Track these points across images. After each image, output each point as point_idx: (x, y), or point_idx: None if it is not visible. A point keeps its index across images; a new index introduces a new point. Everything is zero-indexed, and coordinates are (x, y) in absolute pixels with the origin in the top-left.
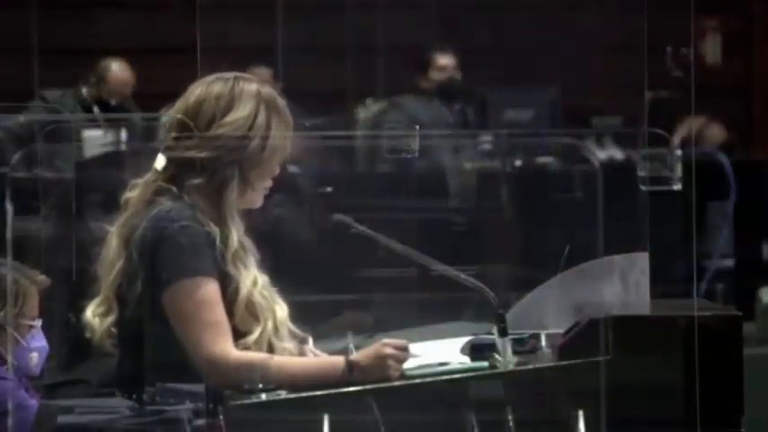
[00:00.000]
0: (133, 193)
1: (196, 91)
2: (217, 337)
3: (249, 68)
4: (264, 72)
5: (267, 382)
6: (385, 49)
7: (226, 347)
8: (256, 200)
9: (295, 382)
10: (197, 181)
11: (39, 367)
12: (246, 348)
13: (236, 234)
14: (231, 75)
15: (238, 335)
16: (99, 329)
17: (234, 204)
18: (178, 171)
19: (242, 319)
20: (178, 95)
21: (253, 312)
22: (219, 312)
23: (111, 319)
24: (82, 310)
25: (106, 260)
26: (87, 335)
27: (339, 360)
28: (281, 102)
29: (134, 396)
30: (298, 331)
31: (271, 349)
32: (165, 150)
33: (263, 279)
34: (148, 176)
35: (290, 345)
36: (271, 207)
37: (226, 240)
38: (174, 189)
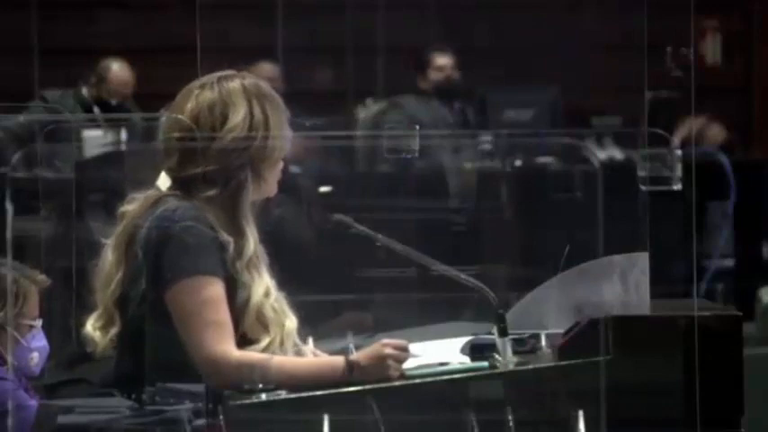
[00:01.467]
0: (130, 207)
1: (187, 106)
2: (218, 337)
3: (252, 66)
4: (268, 68)
5: (267, 382)
6: (385, 49)
7: (227, 347)
8: (271, 189)
9: (295, 381)
10: (211, 192)
11: (39, 367)
12: None
13: (253, 241)
14: (214, 77)
15: (246, 342)
16: (101, 343)
17: (248, 209)
18: (190, 185)
19: (251, 328)
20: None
21: (263, 322)
22: (222, 312)
23: (112, 331)
24: (82, 322)
25: (103, 272)
26: (89, 349)
27: (339, 360)
28: (267, 88)
29: (133, 396)
30: (300, 343)
31: None
32: (168, 171)
33: (275, 290)
34: (149, 192)
35: (291, 357)
36: (271, 207)
37: (242, 248)
38: (178, 194)
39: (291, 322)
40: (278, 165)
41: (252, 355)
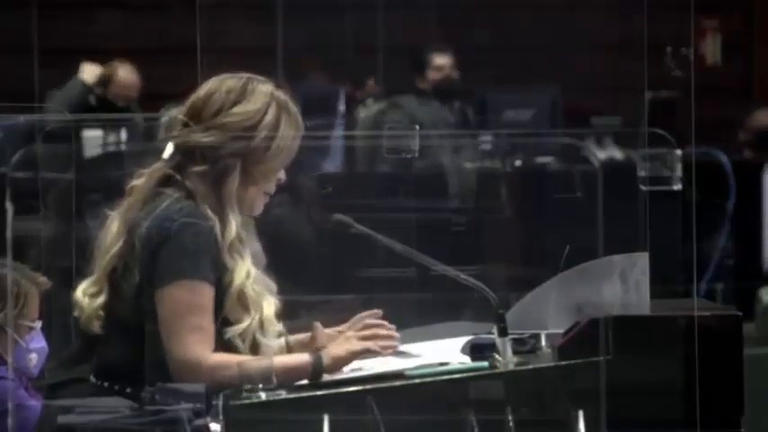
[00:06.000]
0: (139, 181)
1: (208, 84)
2: (197, 341)
3: (314, 73)
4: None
5: (238, 384)
6: (385, 49)
7: (205, 353)
8: (257, 203)
9: (267, 379)
10: (200, 168)
11: (37, 368)
12: (231, 338)
13: (235, 224)
14: (246, 75)
15: (227, 324)
16: (87, 309)
17: (234, 194)
18: (183, 159)
19: (232, 308)
20: (178, 95)
21: (244, 303)
22: (207, 318)
23: (100, 300)
24: (75, 286)
25: (104, 242)
26: (75, 313)
27: (306, 356)
28: (294, 107)
29: (116, 387)
30: (282, 329)
31: (254, 345)
32: (173, 139)
33: (255, 272)
34: (156, 165)
35: (273, 342)
36: (271, 207)
37: (224, 230)
38: (178, 177)
39: (269, 306)
40: (271, 176)
41: (223, 358)
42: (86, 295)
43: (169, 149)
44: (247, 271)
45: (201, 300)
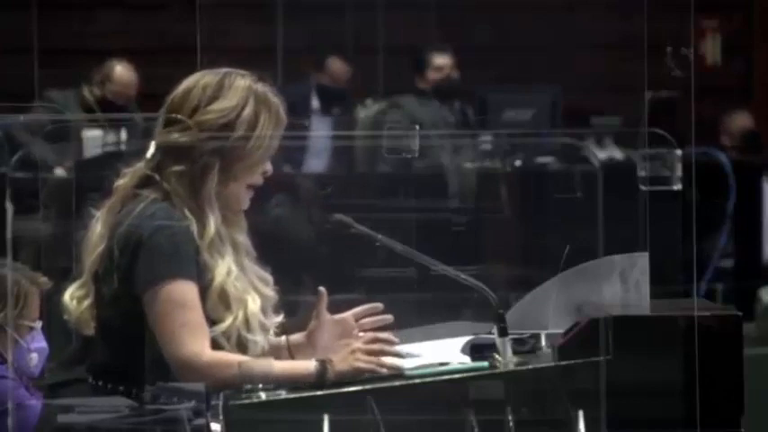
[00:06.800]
0: (122, 181)
1: (186, 81)
2: (191, 338)
3: (326, 60)
4: (339, 63)
5: (240, 383)
6: (385, 49)
7: (199, 349)
8: (242, 199)
9: (267, 382)
10: (178, 168)
11: (38, 368)
12: (215, 337)
13: (214, 223)
14: (224, 70)
15: (209, 323)
16: (75, 313)
17: (213, 193)
18: (163, 158)
19: (213, 307)
20: None
21: (225, 301)
22: (197, 314)
23: (87, 303)
24: (62, 289)
25: (89, 243)
26: (65, 317)
27: (311, 363)
28: (275, 100)
29: (109, 386)
30: (267, 323)
31: (240, 341)
32: (155, 139)
33: (236, 270)
34: (138, 165)
35: (260, 337)
36: (271, 207)
37: (202, 229)
38: (157, 177)
39: (254, 302)
40: (253, 171)
41: (222, 356)
42: (74, 299)
43: (151, 149)
44: (228, 269)
45: (189, 297)
